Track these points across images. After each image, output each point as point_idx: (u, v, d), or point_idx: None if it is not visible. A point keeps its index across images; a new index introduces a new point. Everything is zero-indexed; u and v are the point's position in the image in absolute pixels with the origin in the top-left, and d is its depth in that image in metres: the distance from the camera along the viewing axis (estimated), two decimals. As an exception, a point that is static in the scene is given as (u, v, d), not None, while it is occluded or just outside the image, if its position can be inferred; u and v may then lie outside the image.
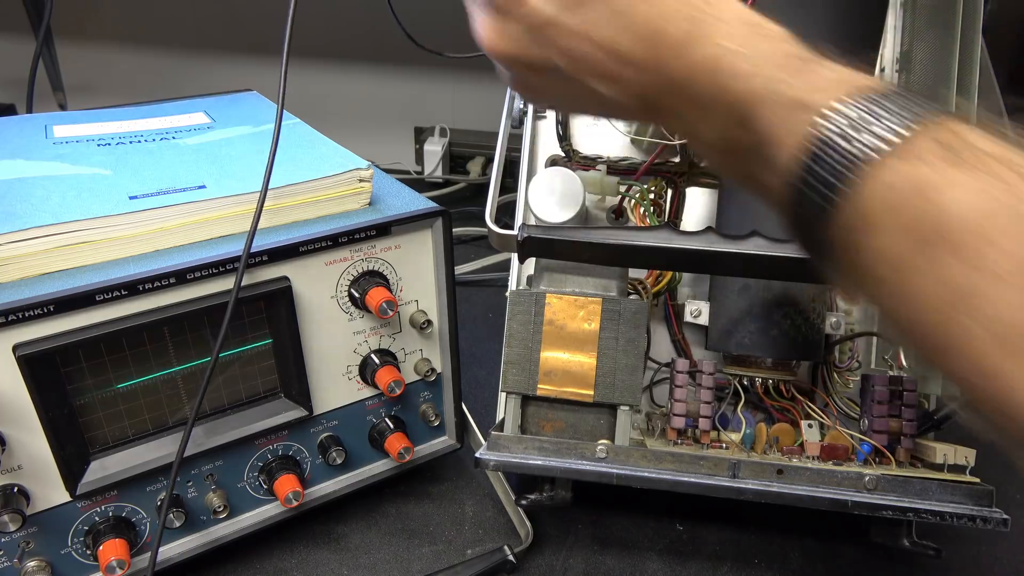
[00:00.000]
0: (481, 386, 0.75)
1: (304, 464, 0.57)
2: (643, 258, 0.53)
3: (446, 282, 0.57)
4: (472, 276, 0.98)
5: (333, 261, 0.52)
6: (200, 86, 0.85)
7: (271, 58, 1.32)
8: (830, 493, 0.50)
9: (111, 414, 0.48)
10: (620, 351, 0.53)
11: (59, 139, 0.61)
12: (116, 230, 0.46)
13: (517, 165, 0.67)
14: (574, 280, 0.55)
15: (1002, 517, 0.49)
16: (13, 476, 0.45)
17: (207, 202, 0.49)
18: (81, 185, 0.51)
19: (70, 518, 0.48)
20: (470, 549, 0.58)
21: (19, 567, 0.47)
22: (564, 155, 0.67)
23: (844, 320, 0.60)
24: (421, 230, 0.56)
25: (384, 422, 0.59)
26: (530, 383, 0.54)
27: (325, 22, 1.28)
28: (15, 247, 0.43)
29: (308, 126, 0.66)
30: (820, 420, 0.59)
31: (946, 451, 0.53)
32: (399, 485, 0.64)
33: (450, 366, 0.61)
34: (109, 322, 0.45)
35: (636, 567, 0.57)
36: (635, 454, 0.52)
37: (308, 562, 0.57)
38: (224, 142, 0.61)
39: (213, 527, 0.54)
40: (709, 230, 0.50)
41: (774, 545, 0.59)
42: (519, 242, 0.52)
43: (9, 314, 0.41)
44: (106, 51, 1.33)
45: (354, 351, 0.56)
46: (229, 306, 0.46)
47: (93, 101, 0.84)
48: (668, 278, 0.64)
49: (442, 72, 1.26)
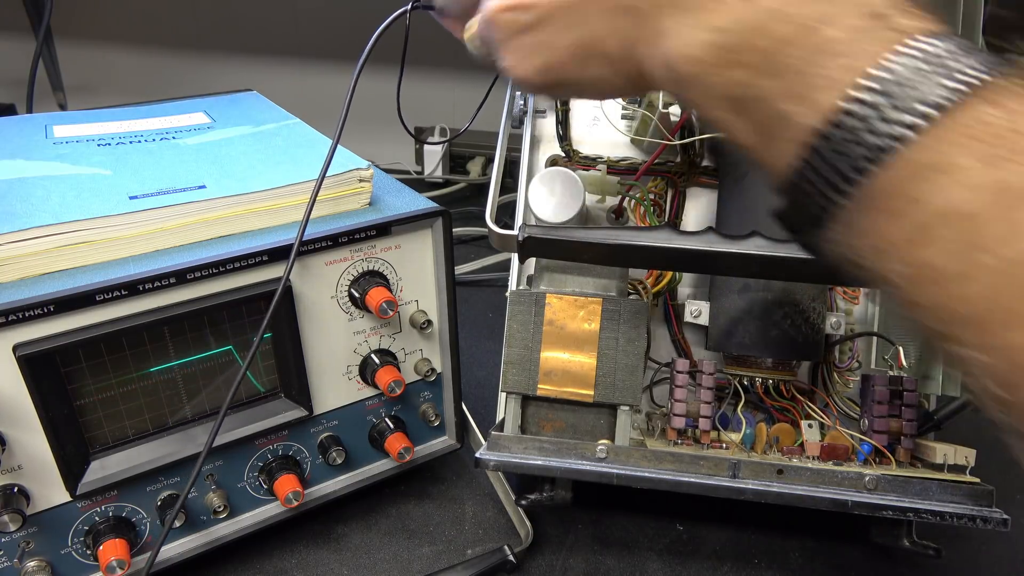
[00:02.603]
0: (481, 386, 0.75)
1: (304, 464, 0.57)
2: (643, 258, 0.53)
3: (446, 282, 0.57)
4: (472, 276, 0.98)
5: (333, 261, 0.52)
6: (200, 86, 0.85)
7: (271, 58, 1.32)
8: (830, 493, 0.50)
9: (111, 414, 0.48)
10: (620, 351, 0.53)
11: (59, 139, 0.61)
12: (116, 230, 0.46)
13: (517, 165, 0.67)
14: (574, 280, 0.55)
15: (1002, 517, 0.49)
16: (13, 476, 0.45)
17: (207, 202, 0.49)
18: (81, 185, 0.51)
19: (70, 518, 0.48)
20: (470, 549, 0.58)
21: (19, 567, 0.47)
22: (564, 155, 0.67)
23: (844, 320, 0.60)
24: (421, 230, 0.56)
25: (384, 422, 0.59)
26: (530, 383, 0.54)
27: (325, 22, 1.28)
28: (15, 247, 0.43)
29: (308, 126, 0.66)
30: (820, 420, 0.59)
31: (946, 451, 0.53)
32: (399, 485, 0.64)
33: (450, 366, 0.61)
34: (109, 322, 0.45)
35: (636, 567, 0.57)
36: (635, 454, 0.52)
37: (308, 562, 0.57)
38: (224, 142, 0.61)
39: (213, 527, 0.54)
40: (709, 230, 0.50)
41: (774, 545, 0.59)
42: (519, 242, 0.52)
43: (9, 314, 0.41)
44: (106, 51, 1.33)
45: (354, 351, 0.56)
46: (276, 295, 0.47)
47: (93, 101, 0.84)
48: (668, 278, 0.64)
49: (442, 72, 1.26)
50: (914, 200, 0.25)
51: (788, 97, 0.28)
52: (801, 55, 0.27)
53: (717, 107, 0.31)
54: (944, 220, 0.25)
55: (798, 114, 0.27)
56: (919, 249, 0.25)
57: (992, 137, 0.24)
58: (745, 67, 0.29)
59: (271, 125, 0.66)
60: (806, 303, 0.58)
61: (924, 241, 0.25)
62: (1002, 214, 0.24)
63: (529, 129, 0.69)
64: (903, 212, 0.26)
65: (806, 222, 0.29)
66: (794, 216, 0.30)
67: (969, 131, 0.24)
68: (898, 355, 0.58)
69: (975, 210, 0.24)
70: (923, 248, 0.25)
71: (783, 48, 0.28)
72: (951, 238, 0.25)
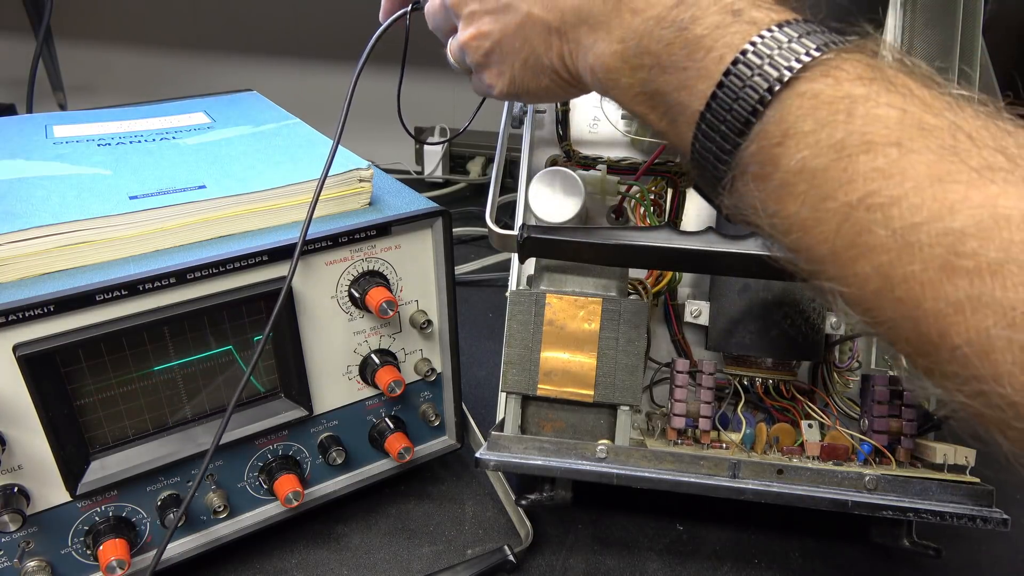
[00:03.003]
0: (481, 386, 0.75)
1: (304, 464, 0.57)
2: (643, 258, 0.53)
3: (446, 282, 0.57)
4: (472, 276, 0.98)
5: (333, 261, 0.52)
6: (200, 86, 0.85)
7: (271, 58, 1.32)
8: (830, 493, 0.50)
9: (111, 414, 0.48)
10: (620, 351, 0.53)
11: (59, 139, 0.62)
12: (116, 230, 0.46)
13: (517, 165, 0.67)
14: (574, 280, 0.55)
15: (1002, 517, 0.49)
16: (13, 476, 0.45)
17: (207, 202, 0.49)
18: (81, 185, 0.51)
19: (70, 518, 0.48)
20: (470, 549, 0.58)
21: (19, 567, 0.47)
22: (564, 155, 0.67)
23: (844, 320, 0.60)
24: (421, 230, 0.56)
25: (384, 422, 0.59)
26: (530, 383, 0.54)
27: (325, 22, 1.28)
28: (15, 247, 0.43)
29: (308, 126, 0.66)
30: (820, 420, 0.59)
31: (946, 451, 0.53)
32: (399, 485, 0.64)
33: (450, 366, 0.61)
34: (109, 322, 0.45)
35: (636, 567, 0.57)
36: (635, 454, 0.52)
37: (308, 562, 0.57)
38: (224, 142, 0.61)
39: (213, 527, 0.54)
40: (709, 230, 0.50)
41: (774, 545, 0.59)
42: (519, 242, 0.52)
43: (9, 314, 0.41)
44: (106, 51, 1.33)
45: (354, 351, 0.56)
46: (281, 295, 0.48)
47: (93, 101, 0.84)
48: (668, 278, 0.64)
49: (442, 72, 1.26)
50: (773, 163, 0.30)
51: (680, 88, 0.33)
52: (681, 52, 0.33)
53: (634, 103, 0.37)
54: (798, 177, 0.29)
55: (687, 101, 0.33)
56: (783, 203, 0.30)
57: (825, 104, 0.29)
58: (646, 68, 0.35)
59: (271, 125, 0.66)
60: (806, 303, 0.58)
61: (786, 196, 0.30)
62: (838, 165, 0.28)
63: (529, 129, 0.69)
64: (768, 175, 0.31)
65: (711, 191, 0.34)
66: (703, 185, 0.35)
67: (806, 101, 0.29)
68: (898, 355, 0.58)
69: (818, 165, 0.29)
70: (786, 202, 0.30)
71: (667, 48, 0.33)
72: (804, 191, 0.29)
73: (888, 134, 0.28)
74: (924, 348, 0.28)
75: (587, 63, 0.38)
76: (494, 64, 0.44)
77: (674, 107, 0.34)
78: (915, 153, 0.27)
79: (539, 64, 0.42)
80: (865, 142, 0.28)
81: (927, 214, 0.26)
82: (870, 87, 0.29)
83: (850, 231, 0.28)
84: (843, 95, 0.29)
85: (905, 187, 0.27)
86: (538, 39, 0.41)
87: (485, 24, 0.43)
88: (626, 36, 0.35)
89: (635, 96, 0.36)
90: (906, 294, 0.27)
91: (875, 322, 0.29)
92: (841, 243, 0.29)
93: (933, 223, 0.26)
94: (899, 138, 0.28)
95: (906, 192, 0.27)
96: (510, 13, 0.41)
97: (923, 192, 0.26)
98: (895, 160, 0.27)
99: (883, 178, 0.27)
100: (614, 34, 0.36)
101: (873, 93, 0.29)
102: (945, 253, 0.26)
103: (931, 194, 0.26)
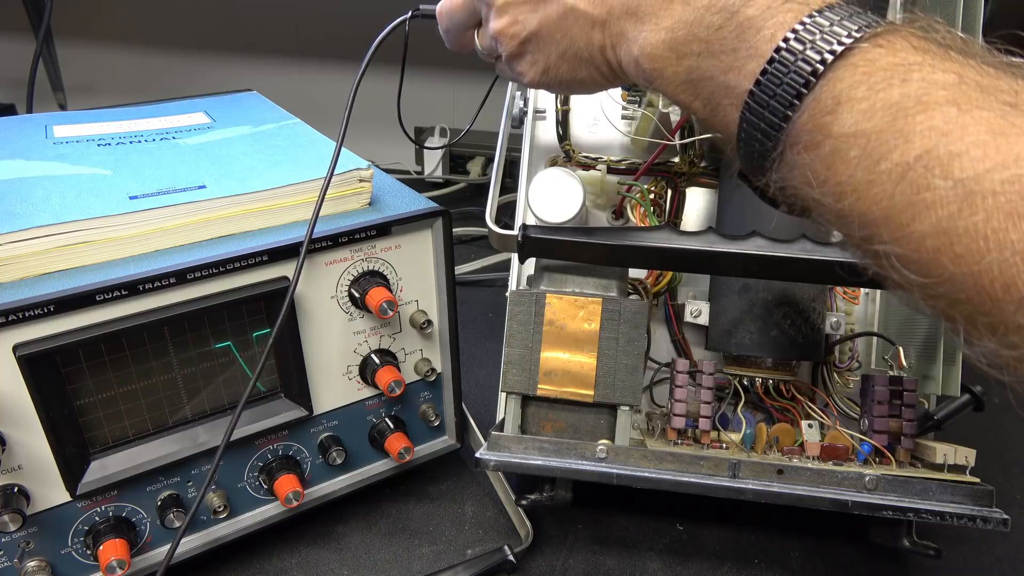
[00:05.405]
0: (481, 386, 0.75)
1: (304, 464, 0.57)
2: (643, 258, 0.53)
3: (446, 282, 0.57)
4: (472, 276, 0.98)
5: (333, 261, 0.52)
6: (200, 86, 0.85)
7: (271, 58, 1.32)
8: (830, 493, 0.50)
9: (111, 414, 0.48)
10: (620, 351, 0.53)
11: (59, 139, 0.62)
12: (116, 230, 0.46)
13: (517, 165, 0.67)
14: (574, 280, 0.55)
15: (1002, 517, 0.49)
16: (13, 476, 0.45)
17: (207, 202, 0.49)
18: (81, 185, 0.51)
19: (70, 518, 0.48)
20: (470, 549, 0.58)
21: (19, 567, 0.47)
22: (564, 155, 0.67)
23: (844, 320, 0.60)
24: (421, 230, 0.56)
25: (384, 422, 0.59)
26: (530, 383, 0.54)
27: (325, 22, 1.28)
28: (15, 247, 0.43)
29: (308, 126, 0.66)
30: (820, 420, 0.59)
31: (946, 451, 0.53)
32: (399, 485, 0.64)
33: (450, 366, 0.61)
34: (109, 322, 0.45)
35: (636, 567, 0.57)
36: (635, 454, 0.52)
37: (308, 562, 0.57)
38: (224, 142, 0.61)
39: (213, 527, 0.54)
40: (709, 230, 0.50)
41: (774, 545, 0.59)
42: (519, 242, 0.52)
43: (9, 314, 0.41)
44: (106, 51, 1.33)
45: (354, 351, 0.56)
46: (288, 296, 0.48)
47: (93, 101, 0.84)
48: (668, 278, 0.64)
49: (442, 73, 1.26)
50: (825, 130, 0.31)
51: (727, 70, 0.34)
52: (731, 34, 0.34)
53: (677, 91, 0.37)
54: (851, 141, 0.30)
55: (735, 82, 0.34)
56: (835, 169, 0.31)
57: (880, 70, 0.30)
58: (693, 55, 0.36)
59: (271, 125, 0.66)
60: (806, 303, 0.58)
61: (838, 162, 0.31)
62: (890, 126, 0.29)
63: (529, 129, 0.69)
64: (819, 143, 0.31)
65: (756, 170, 0.35)
66: (747, 167, 0.36)
67: (860, 69, 0.30)
68: (898, 355, 0.58)
69: (870, 128, 0.29)
70: (838, 168, 0.31)
71: (717, 33, 0.34)
72: (857, 154, 0.30)
73: (946, 95, 0.28)
74: (985, 305, 0.27)
75: (631, 55, 0.39)
76: (528, 53, 0.44)
77: (719, 90, 0.35)
78: (975, 110, 0.27)
79: (577, 56, 0.42)
80: (922, 103, 0.28)
81: (991, 164, 0.26)
82: (924, 56, 0.30)
83: (907, 189, 0.28)
84: (899, 62, 0.30)
85: (966, 142, 0.27)
86: (579, 32, 0.41)
87: (523, 13, 0.43)
88: (675, 25, 0.36)
89: (679, 85, 0.37)
90: (967, 248, 0.27)
91: (932, 283, 0.29)
92: (898, 202, 0.29)
93: (998, 171, 0.26)
94: (957, 98, 0.28)
95: (967, 147, 0.27)
96: (552, 5, 0.42)
97: (986, 146, 0.26)
98: (954, 118, 0.27)
99: (941, 135, 0.27)
100: (662, 24, 0.36)
101: (928, 60, 0.29)
102: (1013, 200, 0.25)
103: (995, 147, 0.26)
